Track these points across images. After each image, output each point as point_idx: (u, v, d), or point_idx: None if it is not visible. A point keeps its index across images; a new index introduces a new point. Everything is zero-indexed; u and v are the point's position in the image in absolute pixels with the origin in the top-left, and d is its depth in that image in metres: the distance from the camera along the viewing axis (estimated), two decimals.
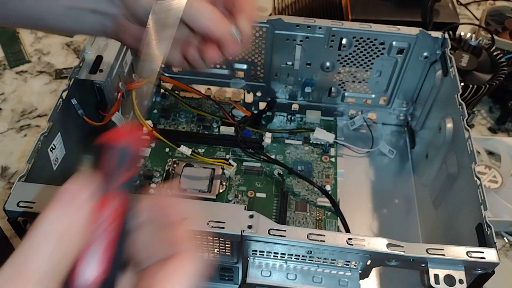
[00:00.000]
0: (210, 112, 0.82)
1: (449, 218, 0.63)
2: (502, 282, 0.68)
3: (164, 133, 0.77)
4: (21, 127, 0.84)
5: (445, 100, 0.69)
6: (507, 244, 0.73)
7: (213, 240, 0.54)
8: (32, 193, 0.51)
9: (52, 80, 0.91)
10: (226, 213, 0.51)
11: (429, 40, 0.71)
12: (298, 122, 0.84)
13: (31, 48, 0.96)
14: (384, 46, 0.72)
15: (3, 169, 0.78)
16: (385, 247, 0.49)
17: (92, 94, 0.66)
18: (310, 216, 0.71)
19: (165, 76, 0.80)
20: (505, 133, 0.87)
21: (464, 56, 0.80)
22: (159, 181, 0.73)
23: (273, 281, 0.53)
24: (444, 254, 0.49)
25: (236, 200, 0.72)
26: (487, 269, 0.50)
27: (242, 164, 0.76)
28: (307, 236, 0.49)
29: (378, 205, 0.75)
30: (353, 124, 0.83)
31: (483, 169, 0.77)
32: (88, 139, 0.70)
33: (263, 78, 0.79)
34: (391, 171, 0.79)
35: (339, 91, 0.80)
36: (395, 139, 0.83)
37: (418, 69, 0.75)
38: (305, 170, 0.76)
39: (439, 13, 0.89)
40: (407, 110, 0.82)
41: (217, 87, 0.85)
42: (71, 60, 0.95)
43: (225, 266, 0.60)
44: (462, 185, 0.60)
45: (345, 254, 0.51)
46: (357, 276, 0.53)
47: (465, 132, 0.60)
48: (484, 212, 0.52)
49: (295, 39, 0.73)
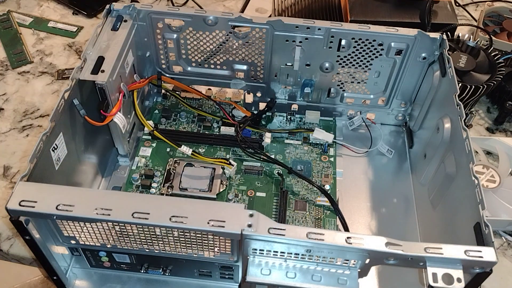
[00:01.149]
0: (210, 112, 0.83)
1: (447, 217, 0.64)
2: (500, 281, 0.69)
3: (165, 133, 0.77)
4: (23, 127, 0.84)
5: (443, 101, 0.70)
6: (505, 243, 0.73)
7: (214, 238, 0.54)
8: (34, 192, 0.52)
9: (54, 81, 0.92)
10: (226, 212, 0.51)
11: (427, 41, 0.71)
12: (297, 122, 0.84)
13: (33, 49, 0.97)
14: (382, 47, 0.73)
15: (5, 169, 0.78)
16: (384, 246, 0.49)
17: (93, 95, 0.66)
18: (310, 215, 0.72)
19: (166, 77, 0.81)
20: (503, 133, 0.87)
21: (462, 56, 0.81)
22: (160, 181, 0.74)
23: (273, 279, 0.53)
24: (442, 253, 0.49)
25: (236, 199, 0.73)
26: (485, 268, 0.50)
27: (242, 163, 0.77)
28: (307, 235, 0.50)
29: (377, 204, 0.75)
30: (352, 124, 0.84)
31: (481, 168, 0.77)
32: (90, 139, 0.70)
33: (263, 78, 0.80)
34: (390, 171, 0.80)
35: (338, 91, 0.81)
36: (394, 139, 0.84)
37: (416, 70, 0.75)
38: (304, 169, 0.77)
39: (437, 14, 0.89)
40: (406, 111, 0.83)
41: (217, 88, 0.85)
42: (73, 60, 0.95)
43: (225, 265, 0.60)
44: (460, 185, 0.61)
45: (344, 253, 0.51)
46: (356, 275, 0.53)
47: (463, 132, 0.61)
48: (482, 212, 0.53)
49: (295, 40, 0.73)
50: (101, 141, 0.74)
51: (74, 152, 0.66)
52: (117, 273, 0.66)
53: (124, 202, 0.52)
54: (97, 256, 0.62)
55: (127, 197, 0.55)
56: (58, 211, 0.50)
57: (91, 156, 0.72)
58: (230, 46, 0.76)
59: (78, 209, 0.51)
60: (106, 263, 0.64)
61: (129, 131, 0.76)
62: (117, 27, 0.70)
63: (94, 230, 0.55)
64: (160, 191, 0.73)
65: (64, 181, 0.64)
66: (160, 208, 0.51)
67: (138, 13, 0.72)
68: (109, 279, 0.66)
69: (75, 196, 0.52)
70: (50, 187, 0.53)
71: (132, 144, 0.79)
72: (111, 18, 0.72)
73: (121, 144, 0.75)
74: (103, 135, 0.74)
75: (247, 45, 0.75)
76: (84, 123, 0.66)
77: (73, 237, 0.58)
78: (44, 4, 1.07)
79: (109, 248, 0.59)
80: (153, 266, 0.63)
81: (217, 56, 0.78)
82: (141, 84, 0.76)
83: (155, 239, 0.56)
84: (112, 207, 0.51)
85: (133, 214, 0.51)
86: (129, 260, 0.62)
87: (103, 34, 0.69)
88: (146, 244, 0.57)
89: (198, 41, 0.76)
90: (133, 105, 0.75)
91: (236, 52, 0.77)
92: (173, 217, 0.50)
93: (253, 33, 0.73)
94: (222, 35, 0.74)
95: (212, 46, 0.76)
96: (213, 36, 0.75)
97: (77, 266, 0.66)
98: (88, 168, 0.72)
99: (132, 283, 0.65)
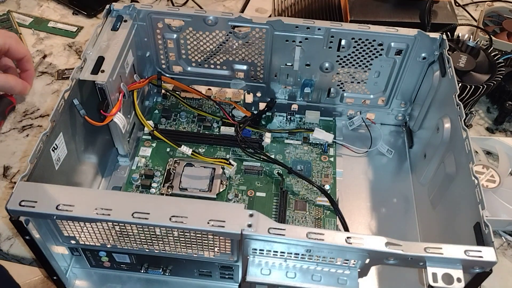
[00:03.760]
0: (210, 112, 0.83)
1: (447, 217, 0.64)
2: (500, 281, 0.69)
3: (165, 133, 0.77)
4: (23, 127, 0.84)
5: (443, 101, 0.70)
6: (505, 243, 0.73)
7: (214, 238, 0.54)
8: (34, 192, 0.52)
9: (54, 81, 0.92)
10: (226, 212, 0.51)
11: (427, 41, 0.71)
12: (297, 122, 0.84)
13: (33, 49, 0.97)
14: (382, 47, 0.73)
15: (6, 169, 0.78)
16: (384, 245, 0.49)
17: (93, 95, 0.66)
18: (310, 215, 0.72)
19: (166, 77, 0.81)
20: (502, 133, 0.87)
21: (462, 56, 0.81)
22: (160, 181, 0.74)
23: (273, 279, 0.53)
24: (442, 253, 0.49)
25: (236, 199, 0.73)
26: (485, 268, 0.50)
27: (242, 163, 0.77)
28: (307, 235, 0.50)
29: (377, 204, 0.75)
30: (352, 124, 0.84)
31: (481, 168, 0.77)
32: (90, 139, 0.70)
33: (263, 78, 0.80)
34: (390, 171, 0.80)
35: (338, 91, 0.81)
36: (394, 139, 0.84)
37: (416, 70, 0.75)
38: (304, 169, 0.77)
39: (437, 14, 0.89)
40: (405, 111, 0.83)
41: (217, 88, 0.85)
42: (73, 60, 0.95)
43: (225, 265, 0.60)
44: (460, 185, 0.61)
45: (344, 253, 0.51)
46: (356, 275, 0.53)
47: (463, 132, 0.61)
48: (482, 211, 0.53)
49: (295, 40, 0.73)
50: (101, 141, 0.74)
51: (74, 152, 0.66)
52: (117, 273, 0.66)
53: (124, 202, 0.52)
54: (97, 256, 0.62)
55: (127, 197, 0.55)
56: (58, 211, 0.50)
57: (91, 156, 0.72)
58: (230, 46, 0.76)
59: (78, 209, 0.51)
60: (106, 263, 0.64)
61: (129, 131, 0.76)
62: (117, 27, 0.70)
63: (94, 230, 0.55)
64: (160, 191, 0.73)
65: (64, 181, 0.64)
66: (160, 208, 0.51)
67: (138, 13, 0.72)
68: (109, 279, 0.66)
69: (75, 196, 0.52)
70: (50, 187, 0.53)
71: (132, 144, 0.79)
72: (111, 18, 0.72)
73: (121, 144, 0.75)
74: (103, 135, 0.74)
75: (247, 45, 0.75)
76: (84, 123, 0.66)
77: (73, 237, 0.58)
78: (44, 4, 1.07)
79: (109, 248, 0.59)
80: (153, 266, 0.63)
81: (217, 56, 0.78)
82: (141, 84, 0.76)
83: (155, 239, 0.56)
84: (112, 207, 0.51)
85: (133, 214, 0.51)
86: (129, 260, 0.62)
87: (103, 34, 0.69)
88: (146, 244, 0.57)
89: (198, 41, 0.76)
90: (133, 105, 0.75)
91: (236, 52, 0.77)
92: (173, 217, 0.51)
93: (253, 33, 0.73)
94: (222, 35, 0.74)
95: (212, 46, 0.76)
96: (213, 36, 0.75)
97: (77, 266, 0.66)
98: (88, 168, 0.72)
99: (132, 283, 0.65)
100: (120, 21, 0.71)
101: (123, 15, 0.72)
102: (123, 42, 0.69)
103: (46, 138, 0.58)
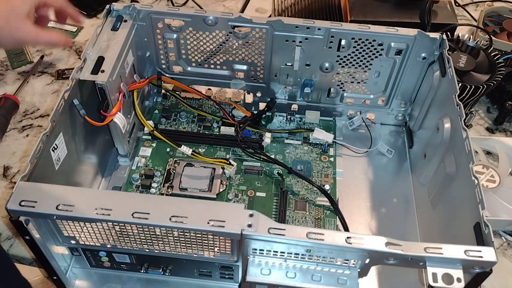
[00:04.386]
0: (210, 112, 0.83)
1: (447, 217, 0.64)
2: (500, 281, 0.69)
3: (165, 133, 0.77)
4: (23, 127, 0.84)
5: (443, 101, 0.70)
6: (505, 243, 0.73)
7: (214, 238, 0.54)
8: (34, 192, 0.52)
9: (54, 81, 0.92)
10: (226, 212, 0.51)
11: (427, 41, 0.71)
12: (297, 122, 0.84)
13: (33, 49, 0.97)
14: (382, 47, 0.73)
15: (6, 169, 0.78)
16: (384, 245, 0.49)
17: (93, 95, 0.66)
18: (310, 215, 0.72)
19: (166, 77, 0.81)
20: (502, 133, 0.87)
21: (462, 56, 0.81)
22: (160, 181, 0.74)
23: (273, 279, 0.53)
24: (442, 253, 0.49)
25: (236, 199, 0.73)
26: (485, 268, 0.50)
27: (242, 163, 0.77)
28: (307, 235, 0.50)
29: (377, 204, 0.75)
30: (352, 124, 0.84)
31: (481, 168, 0.77)
32: (90, 139, 0.70)
33: (263, 78, 0.80)
34: (390, 171, 0.80)
35: (338, 91, 0.81)
36: (394, 139, 0.84)
37: (416, 70, 0.75)
38: (304, 169, 0.77)
39: (437, 14, 0.89)
40: (405, 110, 0.83)
41: (217, 88, 0.85)
42: (73, 61, 0.95)
43: (225, 265, 0.60)
44: (460, 185, 0.61)
45: (344, 253, 0.51)
46: (356, 275, 0.53)
47: (463, 132, 0.61)
48: (482, 211, 0.53)
49: (295, 40, 0.73)
50: (101, 141, 0.74)
51: (74, 152, 0.66)
52: (117, 273, 0.66)
53: (124, 202, 0.52)
54: (97, 256, 0.62)
55: (127, 197, 0.56)
56: (58, 211, 0.50)
57: (91, 156, 0.72)
58: (230, 46, 0.76)
59: (78, 209, 0.51)
60: (106, 263, 0.64)
61: (129, 131, 0.76)
62: (117, 27, 0.70)
63: (94, 230, 0.55)
64: (160, 191, 0.73)
65: (64, 181, 0.64)
66: (160, 208, 0.51)
67: (138, 13, 0.72)
68: (109, 279, 0.66)
69: (75, 196, 0.52)
70: (50, 187, 0.53)
71: (132, 144, 0.79)
72: (111, 18, 0.72)
73: (121, 144, 0.75)
74: (103, 135, 0.74)
75: (247, 45, 0.75)
76: (84, 123, 0.66)
77: (73, 237, 0.58)
78: None
79: (109, 248, 0.59)
80: (153, 266, 0.63)
81: (217, 56, 0.78)
82: (141, 84, 0.76)
83: (155, 239, 0.56)
84: (112, 207, 0.51)
85: (133, 214, 0.51)
86: (129, 260, 0.62)
87: (103, 34, 0.69)
88: (146, 244, 0.57)
89: (198, 41, 0.76)
90: (133, 105, 0.75)
91: (236, 52, 0.77)
92: (173, 217, 0.51)
93: (253, 33, 0.73)
94: (222, 35, 0.74)
95: (212, 46, 0.76)
96: (213, 36, 0.75)
97: (77, 266, 0.66)
98: (88, 168, 0.72)
99: (132, 283, 0.65)
100: (120, 21, 0.71)
101: (123, 15, 0.72)
102: (123, 42, 0.69)
103: (46, 138, 0.58)
